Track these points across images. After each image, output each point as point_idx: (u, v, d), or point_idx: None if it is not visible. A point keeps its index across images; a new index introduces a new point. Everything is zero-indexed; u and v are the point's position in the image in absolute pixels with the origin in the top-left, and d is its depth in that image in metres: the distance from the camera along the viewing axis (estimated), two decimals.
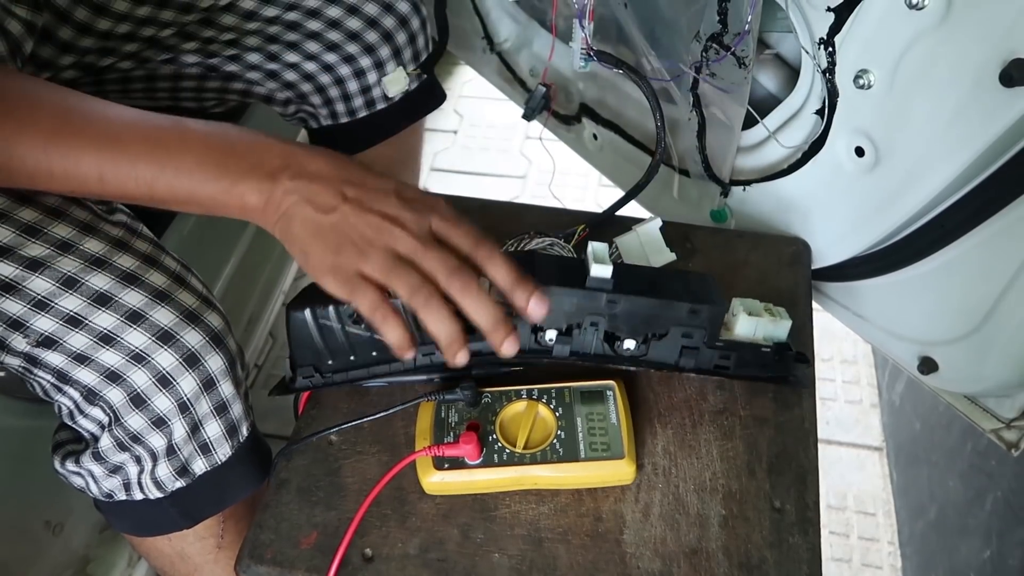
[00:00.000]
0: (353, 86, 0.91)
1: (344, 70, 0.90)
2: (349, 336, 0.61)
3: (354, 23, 0.87)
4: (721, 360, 0.63)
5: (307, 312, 0.60)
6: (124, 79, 0.86)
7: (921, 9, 0.58)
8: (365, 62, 0.89)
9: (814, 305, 0.80)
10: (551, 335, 0.61)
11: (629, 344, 0.62)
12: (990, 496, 0.91)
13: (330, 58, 0.89)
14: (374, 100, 0.93)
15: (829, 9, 0.64)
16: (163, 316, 0.62)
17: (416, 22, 0.90)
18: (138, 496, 0.67)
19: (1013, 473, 0.87)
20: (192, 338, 0.63)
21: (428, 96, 0.96)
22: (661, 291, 0.60)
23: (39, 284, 0.61)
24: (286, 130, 1.22)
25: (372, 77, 0.90)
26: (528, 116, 0.93)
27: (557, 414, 0.62)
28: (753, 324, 0.62)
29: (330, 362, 0.63)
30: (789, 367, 0.65)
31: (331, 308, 0.60)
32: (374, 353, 0.63)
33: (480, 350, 0.58)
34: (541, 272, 0.58)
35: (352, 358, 0.63)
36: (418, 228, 0.53)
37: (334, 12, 0.87)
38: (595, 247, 0.60)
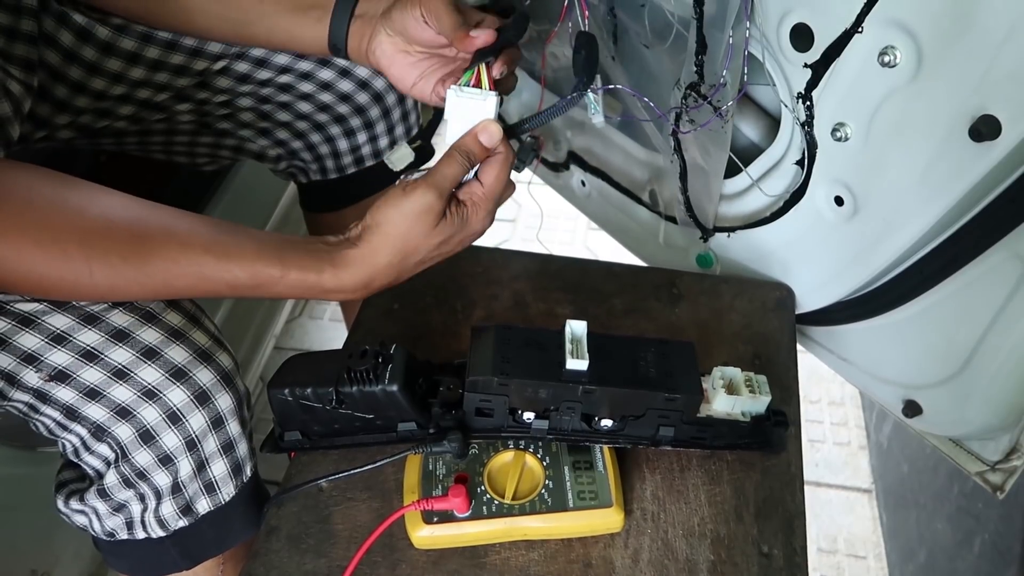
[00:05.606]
0: (343, 145, 0.93)
1: (335, 130, 0.92)
2: (331, 413, 0.62)
3: (346, 85, 0.89)
4: (698, 433, 0.63)
5: (287, 392, 0.61)
6: (119, 132, 0.88)
7: (893, 67, 0.60)
8: (355, 122, 0.92)
9: (800, 348, 0.81)
10: (529, 416, 0.62)
11: (606, 422, 0.62)
12: (978, 539, 0.92)
13: (321, 118, 0.91)
14: (363, 158, 0.95)
15: (806, 65, 0.66)
16: (177, 354, 0.63)
17: None
18: (140, 535, 0.67)
19: (999, 516, 0.87)
20: (204, 376, 0.64)
21: (419, 155, 0.98)
22: (638, 379, 0.60)
23: (59, 319, 0.63)
24: (274, 183, 1.23)
25: (362, 137, 0.93)
26: (518, 167, 0.95)
27: (544, 463, 0.63)
28: (731, 402, 0.63)
29: (316, 428, 0.64)
30: (767, 435, 0.66)
31: (310, 390, 0.61)
32: (357, 424, 0.63)
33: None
34: (515, 362, 0.60)
35: (336, 426, 0.64)
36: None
37: (326, 75, 0.89)
38: (575, 331, 0.60)
